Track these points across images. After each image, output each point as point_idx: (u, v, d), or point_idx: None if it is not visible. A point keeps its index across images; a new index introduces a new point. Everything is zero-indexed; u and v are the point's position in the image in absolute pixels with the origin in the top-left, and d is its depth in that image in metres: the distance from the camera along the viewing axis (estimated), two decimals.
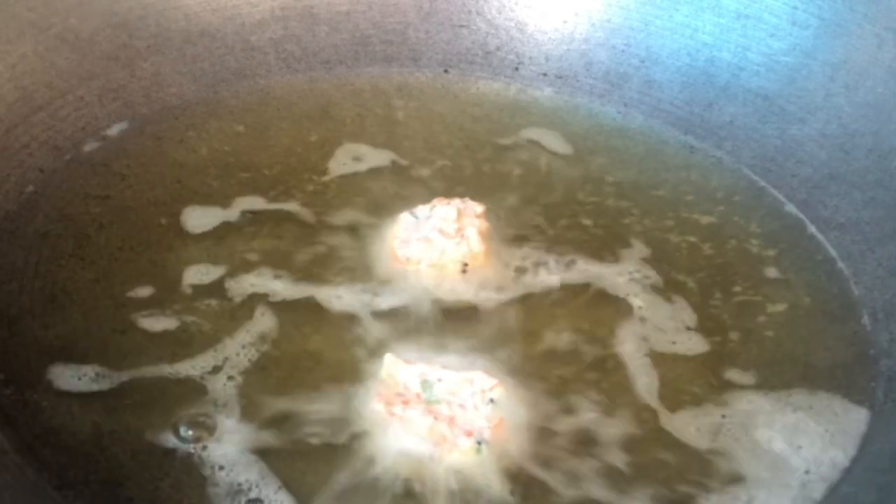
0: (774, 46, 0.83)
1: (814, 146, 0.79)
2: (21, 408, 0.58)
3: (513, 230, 0.73)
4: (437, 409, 0.57)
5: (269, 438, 0.57)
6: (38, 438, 0.57)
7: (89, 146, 0.77)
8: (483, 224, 0.70)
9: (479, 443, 0.56)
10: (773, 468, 0.58)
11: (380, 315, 0.65)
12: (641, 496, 0.56)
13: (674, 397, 0.62)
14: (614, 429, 0.59)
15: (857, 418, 0.61)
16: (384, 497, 0.55)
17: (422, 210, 0.70)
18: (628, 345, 0.65)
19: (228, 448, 0.57)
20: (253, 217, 0.72)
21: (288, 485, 0.55)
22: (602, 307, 0.67)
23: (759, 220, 0.76)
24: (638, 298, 0.68)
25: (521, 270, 0.69)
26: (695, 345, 0.65)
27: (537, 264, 0.70)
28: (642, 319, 0.67)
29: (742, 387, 0.63)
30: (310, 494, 0.55)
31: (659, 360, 0.64)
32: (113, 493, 0.54)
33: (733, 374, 0.64)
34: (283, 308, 0.65)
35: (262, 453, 0.57)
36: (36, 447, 0.56)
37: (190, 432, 0.57)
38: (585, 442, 0.59)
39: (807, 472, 0.58)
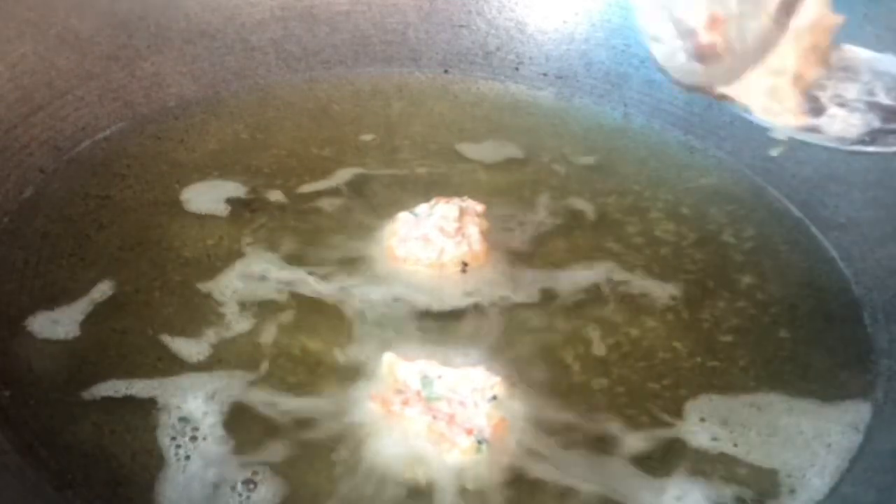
0: None
1: (814, 146, 0.79)
2: (21, 408, 0.58)
3: (513, 230, 0.73)
4: (436, 406, 0.57)
5: (268, 438, 0.57)
6: (38, 438, 0.56)
7: (89, 146, 0.77)
8: (483, 223, 0.70)
9: (479, 441, 0.55)
10: (772, 468, 0.58)
11: (379, 313, 0.65)
12: (642, 494, 0.56)
13: (674, 396, 0.62)
14: (617, 427, 0.59)
15: (856, 418, 0.61)
16: (384, 497, 0.55)
17: (422, 209, 0.70)
18: (629, 343, 0.65)
19: (227, 449, 0.56)
20: (251, 216, 0.72)
21: (287, 485, 0.55)
22: (603, 306, 0.67)
23: (759, 220, 0.76)
24: (638, 297, 0.68)
25: (520, 270, 0.69)
26: (695, 344, 0.65)
27: (537, 264, 0.70)
28: (643, 318, 0.67)
29: (742, 387, 0.63)
30: (309, 495, 0.55)
31: (659, 358, 0.64)
32: (113, 493, 0.54)
33: (733, 375, 0.63)
34: (282, 307, 0.65)
35: (261, 453, 0.56)
36: (36, 447, 0.56)
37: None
38: (588, 440, 0.59)
39: (807, 472, 0.58)
